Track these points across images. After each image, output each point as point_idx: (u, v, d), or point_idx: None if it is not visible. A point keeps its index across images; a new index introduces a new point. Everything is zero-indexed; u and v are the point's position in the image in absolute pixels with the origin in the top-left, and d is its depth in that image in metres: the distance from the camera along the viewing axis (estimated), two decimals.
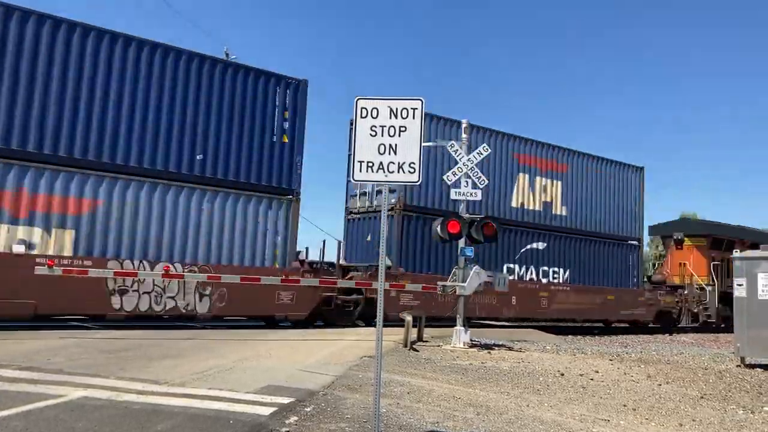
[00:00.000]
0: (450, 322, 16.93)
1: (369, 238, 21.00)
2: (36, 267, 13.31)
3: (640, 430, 7.48)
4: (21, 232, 13.71)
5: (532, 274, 23.68)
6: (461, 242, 15.90)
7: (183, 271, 15.45)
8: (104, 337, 12.94)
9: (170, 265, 15.31)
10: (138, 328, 15.02)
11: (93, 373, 8.26)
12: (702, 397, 10.16)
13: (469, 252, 15.96)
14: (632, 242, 27.54)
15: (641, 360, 15.66)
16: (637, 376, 12.21)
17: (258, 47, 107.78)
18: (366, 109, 5.96)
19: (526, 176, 23.63)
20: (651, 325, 28.63)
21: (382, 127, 5.91)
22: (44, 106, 14.21)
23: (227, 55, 38.73)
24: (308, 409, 6.86)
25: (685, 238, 31.42)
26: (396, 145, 5.86)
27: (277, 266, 17.18)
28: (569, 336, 25.60)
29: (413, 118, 5.89)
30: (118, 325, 15.43)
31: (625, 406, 8.95)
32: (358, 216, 22.08)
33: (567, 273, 24.72)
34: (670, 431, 7.62)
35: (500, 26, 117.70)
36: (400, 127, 5.89)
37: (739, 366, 14.29)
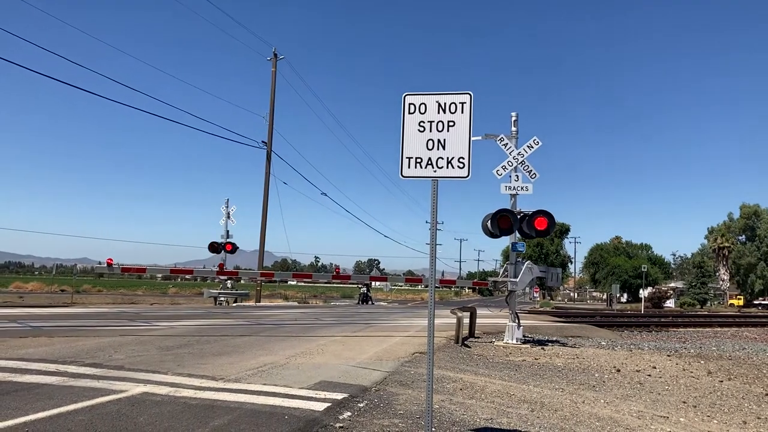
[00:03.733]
0: None
1: None
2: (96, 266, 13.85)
3: (701, 428, 7.25)
4: None
5: None
6: (511, 237, 15.71)
7: None
8: (161, 334, 13.30)
9: None
10: (193, 326, 15.35)
11: (152, 369, 8.50)
12: (767, 395, 9.80)
13: (521, 247, 15.76)
14: None
15: (700, 356, 15.20)
16: (697, 372, 11.85)
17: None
18: (414, 104, 5.92)
19: None
20: None
21: (431, 122, 5.86)
22: None
23: (275, 55, 39.28)
24: (361, 405, 6.90)
25: None
26: (445, 140, 5.80)
27: None
28: (625, 331, 25.08)
29: (462, 112, 5.82)
30: (174, 324, 15.82)
31: (684, 402, 8.70)
32: None
33: None
34: (733, 429, 7.37)
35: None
36: (448, 121, 5.83)
37: None
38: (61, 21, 49.69)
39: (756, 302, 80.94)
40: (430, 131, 5.84)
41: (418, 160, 5.82)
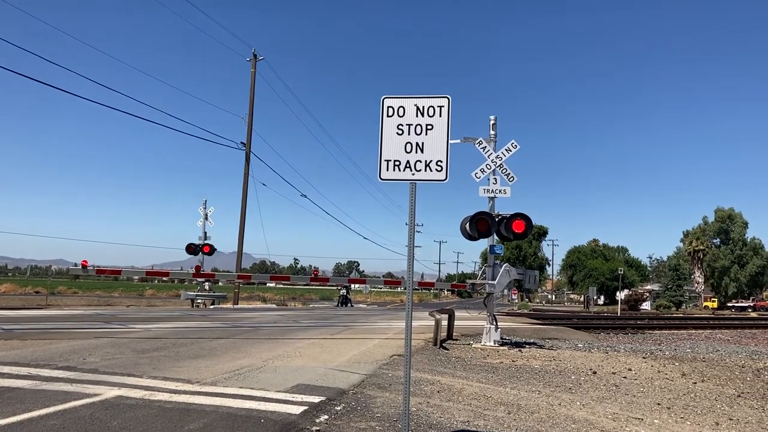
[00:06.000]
0: None
1: None
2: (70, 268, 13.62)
3: (674, 429, 7.34)
4: None
5: None
6: (489, 240, 15.78)
7: None
8: (137, 336, 13.15)
9: None
10: (169, 328, 15.20)
11: (127, 373, 8.39)
12: (739, 396, 9.94)
13: (499, 250, 15.84)
14: None
15: (675, 358, 15.39)
16: (672, 374, 12.00)
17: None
18: (392, 107, 5.92)
19: None
20: None
21: (409, 125, 5.86)
22: None
23: (255, 56, 39.09)
24: (338, 408, 6.88)
25: None
26: (423, 143, 5.81)
27: None
28: (601, 333, 25.32)
29: (440, 115, 5.84)
30: (150, 326, 15.66)
31: (659, 404, 8.80)
32: None
33: None
34: (705, 430, 7.47)
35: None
36: (426, 125, 5.83)
37: None
38: (37, 19, 48.94)
39: (729, 304, 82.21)
40: (409, 134, 5.85)
41: (397, 163, 5.82)
